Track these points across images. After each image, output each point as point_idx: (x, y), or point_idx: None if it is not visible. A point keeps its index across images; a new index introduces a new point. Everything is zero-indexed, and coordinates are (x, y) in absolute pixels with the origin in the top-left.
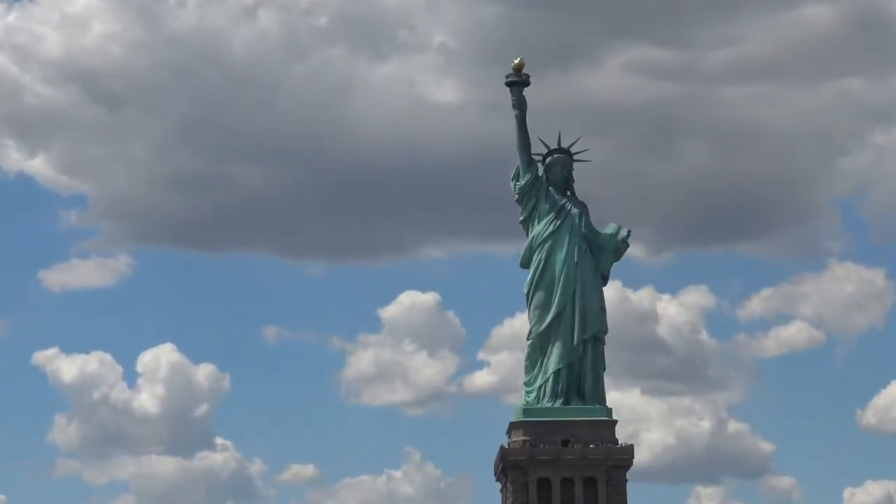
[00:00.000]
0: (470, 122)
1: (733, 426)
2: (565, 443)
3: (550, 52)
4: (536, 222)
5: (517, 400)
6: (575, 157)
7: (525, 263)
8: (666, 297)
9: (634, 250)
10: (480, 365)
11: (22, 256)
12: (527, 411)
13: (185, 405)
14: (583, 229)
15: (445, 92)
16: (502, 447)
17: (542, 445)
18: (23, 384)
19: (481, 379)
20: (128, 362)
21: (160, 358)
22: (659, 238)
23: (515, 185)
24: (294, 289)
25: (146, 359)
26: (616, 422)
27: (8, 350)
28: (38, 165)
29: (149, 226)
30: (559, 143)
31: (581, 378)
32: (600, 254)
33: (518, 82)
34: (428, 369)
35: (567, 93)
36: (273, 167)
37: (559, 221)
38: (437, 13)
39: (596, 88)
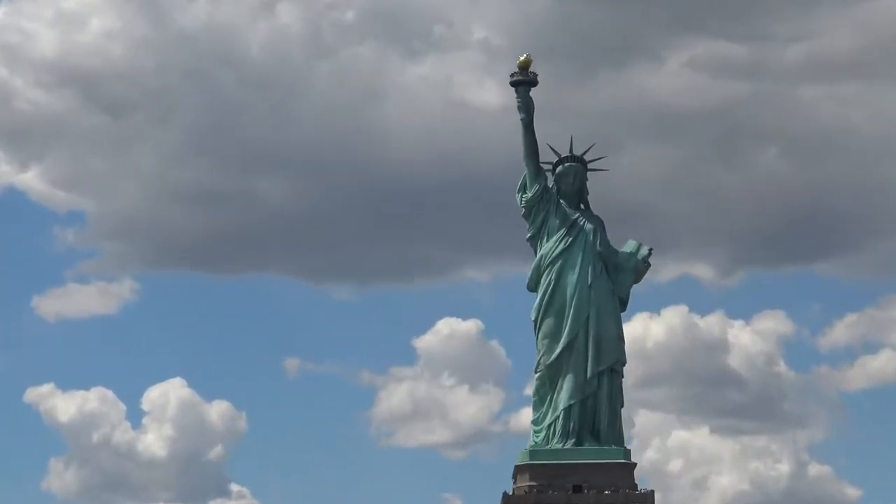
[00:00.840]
0: (515, 128)
1: (815, 469)
2: (577, 488)
3: (605, 48)
4: (545, 240)
5: None
6: (589, 167)
7: (533, 286)
8: (738, 323)
9: (702, 271)
10: (528, 401)
11: (13, 281)
12: (533, 453)
13: (196, 447)
14: (598, 247)
15: (488, 94)
16: (505, 494)
17: (550, 492)
18: (14, 424)
19: (529, 417)
20: (132, 400)
21: (168, 394)
22: (729, 257)
23: (522, 197)
24: (318, 316)
25: (153, 395)
26: (635, 465)
27: None
28: (31, 179)
29: (156, 246)
30: (571, 151)
31: (596, 415)
32: (618, 275)
33: (524, 82)
34: (469, 406)
35: (624, 94)
36: (295, 179)
37: (571, 238)
38: (478, 5)
39: (657, 89)
